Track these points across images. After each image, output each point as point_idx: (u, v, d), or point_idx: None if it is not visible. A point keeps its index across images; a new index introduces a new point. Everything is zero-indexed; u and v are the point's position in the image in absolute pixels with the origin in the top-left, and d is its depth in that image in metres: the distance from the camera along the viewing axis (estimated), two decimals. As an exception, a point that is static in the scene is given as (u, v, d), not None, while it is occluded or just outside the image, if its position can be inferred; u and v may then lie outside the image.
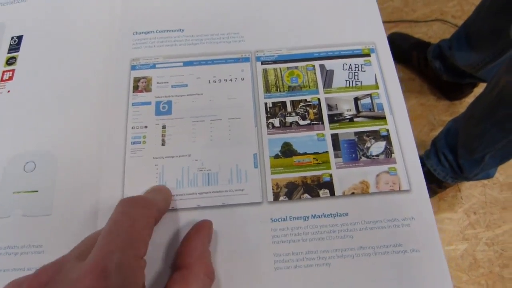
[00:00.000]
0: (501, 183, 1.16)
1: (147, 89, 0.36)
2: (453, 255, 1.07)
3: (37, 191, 0.33)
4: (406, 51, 1.29)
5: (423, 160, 1.05)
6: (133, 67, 0.37)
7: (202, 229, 0.29)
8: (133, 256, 0.23)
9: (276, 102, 0.36)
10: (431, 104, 1.28)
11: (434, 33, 1.40)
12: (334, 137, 0.35)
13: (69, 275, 0.21)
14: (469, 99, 1.25)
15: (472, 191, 1.15)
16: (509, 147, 0.84)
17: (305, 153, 0.34)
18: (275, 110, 0.36)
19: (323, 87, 0.37)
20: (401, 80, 1.22)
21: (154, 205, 0.27)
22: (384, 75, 0.37)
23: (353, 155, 0.34)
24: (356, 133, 0.35)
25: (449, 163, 0.98)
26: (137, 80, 0.37)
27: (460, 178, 1.01)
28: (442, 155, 0.99)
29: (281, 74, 0.37)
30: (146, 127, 0.35)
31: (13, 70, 0.38)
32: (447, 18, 1.42)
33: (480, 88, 1.23)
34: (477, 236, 1.09)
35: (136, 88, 0.36)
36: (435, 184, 1.06)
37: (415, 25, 1.42)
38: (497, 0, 0.91)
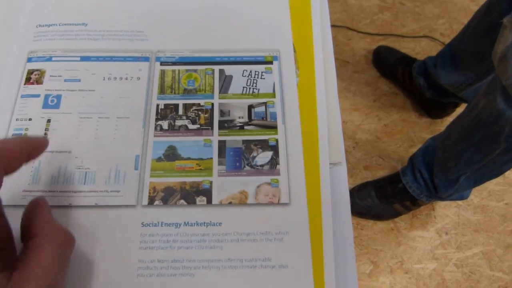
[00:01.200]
0: (475, 205, 1.14)
1: (39, 81, 0.35)
2: (421, 274, 1.05)
3: None
4: (392, 65, 1.29)
5: (399, 176, 1.04)
6: (30, 59, 0.36)
7: (40, 203, 0.26)
8: None
9: (169, 104, 0.35)
10: (413, 120, 1.27)
11: (422, 50, 1.39)
12: (221, 144, 0.34)
13: None
14: (451, 118, 1.23)
15: (446, 211, 1.14)
16: (484, 170, 0.83)
17: (188, 158, 0.33)
18: (166, 112, 0.35)
19: (219, 92, 0.36)
20: (385, 94, 1.22)
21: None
22: (283, 84, 0.36)
23: (237, 164, 0.33)
24: (244, 141, 0.34)
25: (425, 181, 0.97)
26: (30, 72, 0.36)
27: (434, 197, 1.00)
28: (418, 173, 0.98)
29: (179, 77, 0.36)
30: (30, 119, 0.34)
31: None
32: (435, 36, 1.41)
33: (462, 108, 1.22)
34: (447, 257, 1.08)
35: (28, 80, 0.36)
36: (409, 201, 1.05)
37: (403, 40, 1.41)
38: (483, 22, 0.90)
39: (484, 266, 1.07)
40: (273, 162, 0.33)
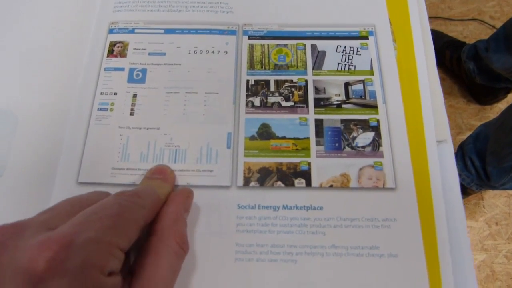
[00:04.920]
0: (527, 195, 1.08)
1: (122, 54, 0.34)
2: (469, 265, 1.02)
3: (-13, 150, 0.31)
4: (439, 50, 1.21)
5: None
6: (111, 31, 0.35)
7: (178, 196, 0.27)
8: (107, 241, 0.20)
9: (259, 80, 0.33)
10: (460, 106, 1.20)
11: (470, 33, 1.31)
12: (318, 123, 0.31)
13: (29, 241, 0.19)
14: (501, 105, 1.17)
15: (495, 201, 1.08)
16: None
17: (284, 137, 0.31)
18: (257, 89, 0.33)
19: (312, 69, 0.33)
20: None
21: (150, 205, 0.25)
22: (381, 61, 0.33)
23: (337, 144, 0.31)
24: (342, 121, 0.31)
25: (476, 170, 0.92)
26: (112, 44, 0.34)
27: (485, 186, 0.94)
28: (469, 160, 0.93)
29: (268, 51, 0.34)
30: (115, 94, 0.32)
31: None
32: (484, 19, 1.33)
33: (514, 94, 1.16)
34: (497, 248, 1.03)
35: (110, 53, 0.34)
36: None
37: (450, 23, 1.32)
38: None
39: (536, 259, 1.02)
40: (375, 144, 0.31)
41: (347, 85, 0.33)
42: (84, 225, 0.21)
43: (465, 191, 1.01)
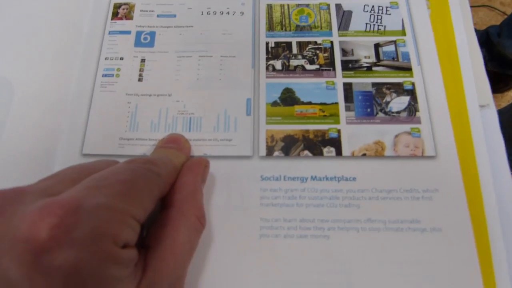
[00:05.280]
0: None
1: (128, 16, 0.31)
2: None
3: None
4: None
5: None
6: (115, -8, 0.32)
7: (196, 166, 0.24)
8: (119, 209, 0.18)
9: (280, 42, 0.30)
10: None
11: (480, 20, 1.27)
12: (347, 87, 0.28)
13: (30, 207, 0.16)
14: None
15: None
16: None
17: (309, 103, 0.28)
18: (277, 51, 0.30)
19: (338, 29, 0.30)
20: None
21: (166, 173, 0.22)
22: (414, 20, 0.30)
23: (369, 110, 0.28)
24: (374, 84, 0.28)
25: None
26: (117, 6, 0.31)
27: None
28: None
29: (289, 12, 0.31)
30: (121, 58, 0.29)
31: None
32: (495, 5, 1.28)
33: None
34: None
35: (115, 15, 0.31)
36: None
37: None
38: None
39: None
40: (411, 109, 0.28)
41: (377, 46, 0.30)
42: (92, 190, 0.18)
43: None
